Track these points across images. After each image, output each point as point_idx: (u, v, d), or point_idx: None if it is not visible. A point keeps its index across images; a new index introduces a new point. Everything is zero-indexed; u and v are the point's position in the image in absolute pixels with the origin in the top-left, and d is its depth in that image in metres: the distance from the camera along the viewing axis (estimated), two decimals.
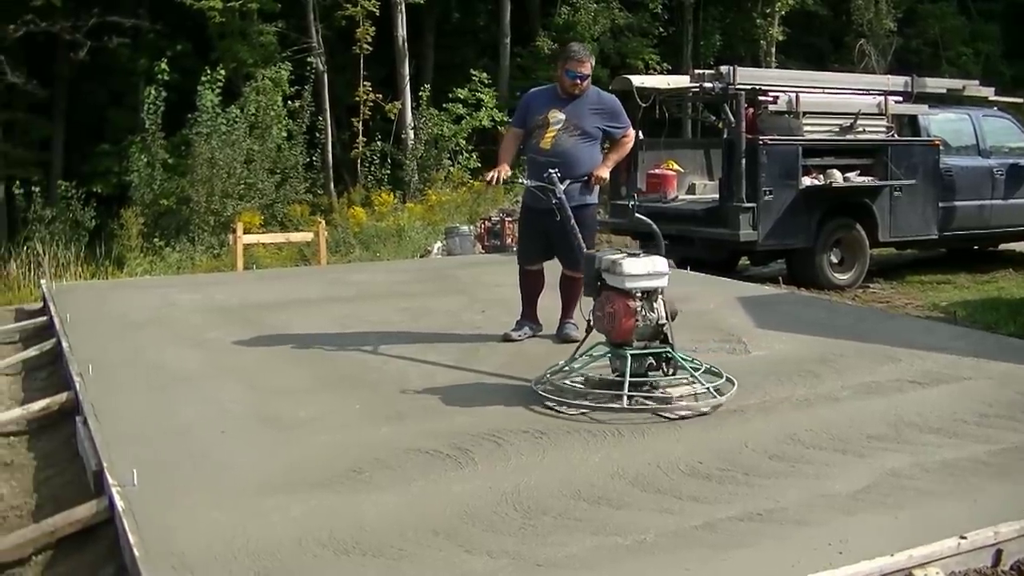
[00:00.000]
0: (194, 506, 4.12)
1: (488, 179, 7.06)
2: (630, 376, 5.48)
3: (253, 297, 9.33)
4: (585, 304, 6.13)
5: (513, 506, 4.09)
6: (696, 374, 5.66)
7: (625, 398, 5.41)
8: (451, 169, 21.47)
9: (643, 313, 5.54)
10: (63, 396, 5.99)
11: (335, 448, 4.85)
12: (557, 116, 6.91)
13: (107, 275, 13.78)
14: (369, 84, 22.97)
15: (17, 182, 19.45)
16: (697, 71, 12.63)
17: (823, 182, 11.46)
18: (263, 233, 16.45)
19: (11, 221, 22.65)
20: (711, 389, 5.56)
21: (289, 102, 21.52)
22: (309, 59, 22.63)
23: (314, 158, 21.65)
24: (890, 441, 4.95)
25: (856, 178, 11.79)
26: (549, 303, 7.28)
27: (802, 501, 4.13)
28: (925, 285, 12.21)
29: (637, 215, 6.77)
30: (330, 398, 5.82)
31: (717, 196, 11.87)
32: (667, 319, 5.62)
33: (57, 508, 4.41)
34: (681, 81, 13.07)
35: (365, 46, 22.63)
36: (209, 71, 19.69)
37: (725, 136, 11.84)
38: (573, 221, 6.43)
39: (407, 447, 4.80)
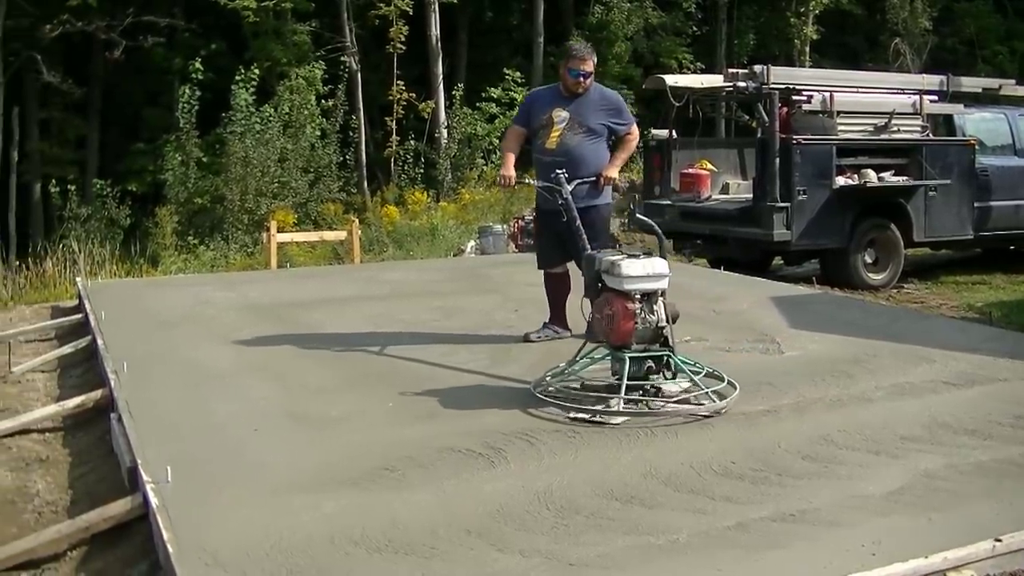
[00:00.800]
0: (227, 503, 4.14)
1: (501, 184, 7.07)
2: (630, 379, 5.39)
3: (286, 295, 9.38)
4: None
5: (545, 505, 4.08)
6: (696, 378, 5.55)
7: (620, 401, 5.33)
8: (484, 168, 21.52)
9: (642, 315, 5.44)
10: (98, 393, 6.03)
11: (367, 446, 4.86)
12: (561, 115, 6.86)
13: (141, 273, 13.87)
14: (402, 83, 23.03)
15: (53, 180, 19.73)
16: (731, 70, 12.53)
17: (857, 182, 11.36)
18: (297, 232, 16.54)
19: (47, 219, 22.94)
20: (710, 393, 5.44)
21: (323, 101, 21.65)
22: (343, 58, 22.75)
23: (347, 157, 21.73)
24: (924, 442, 4.90)
25: (891, 178, 11.69)
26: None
27: (835, 502, 4.10)
28: (960, 286, 12.11)
29: (638, 215, 6.73)
30: (362, 396, 5.82)
31: (751, 196, 11.80)
32: (667, 321, 5.51)
33: (92, 504, 4.44)
34: (715, 80, 13.05)
35: (398, 45, 22.68)
36: (243, 70, 19.83)
37: (759, 135, 11.79)
38: (578, 222, 6.31)
39: (439, 446, 4.81)
